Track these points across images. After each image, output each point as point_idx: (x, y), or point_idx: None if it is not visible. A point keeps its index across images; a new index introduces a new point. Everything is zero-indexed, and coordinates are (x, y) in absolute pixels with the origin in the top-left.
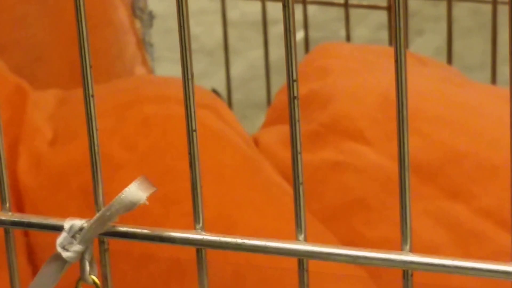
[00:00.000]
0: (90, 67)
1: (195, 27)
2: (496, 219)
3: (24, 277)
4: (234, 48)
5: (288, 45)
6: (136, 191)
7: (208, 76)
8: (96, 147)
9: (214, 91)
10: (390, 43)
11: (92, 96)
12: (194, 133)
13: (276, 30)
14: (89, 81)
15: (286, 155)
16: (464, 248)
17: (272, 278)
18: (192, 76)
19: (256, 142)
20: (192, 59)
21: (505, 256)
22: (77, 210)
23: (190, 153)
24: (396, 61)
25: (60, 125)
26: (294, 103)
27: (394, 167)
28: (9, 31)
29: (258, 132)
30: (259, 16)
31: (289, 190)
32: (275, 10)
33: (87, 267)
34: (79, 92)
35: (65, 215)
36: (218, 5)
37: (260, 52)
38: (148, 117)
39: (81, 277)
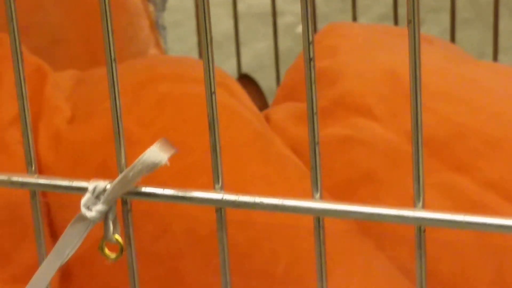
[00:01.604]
0: (112, 32)
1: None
2: (500, 191)
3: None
4: (241, 39)
5: (305, 7)
6: (157, 152)
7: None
8: (119, 110)
9: (246, 76)
10: None
11: (115, 60)
12: (213, 95)
13: (282, 22)
14: (111, 46)
15: (296, 130)
16: None
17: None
18: (211, 37)
19: (266, 119)
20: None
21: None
22: None
23: (209, 115)
24: (410, 41)
25: (78, 104)
26: (310, 64)
27: (401, 141)
28: (28, 14)
29: (269, 109)
30: (264, 8)
31: (300, 164)
32: (281, 2)
33: (111, 227)
34: (96, 72)
35: None
36: None
37: (265, 43)
38: (163, 95)
39: (105, 237)
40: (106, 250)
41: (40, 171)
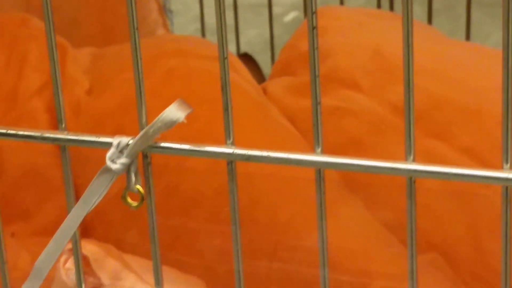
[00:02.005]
0: (135, 2)
1: (198, 10)
2: (474, 156)
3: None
4: (233, 28)
5: None
6: (175, 111)
7: None
8: (141, 73)
9: (246, 54)
10: None
11: (137, 28)
12: (226, 60)
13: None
14: (134, 15)
15: (290, 100)
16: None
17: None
18: (224, 8)
19: (264, 91)
20: None
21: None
22: None
23: (222, 77)
24: (403, 24)
25: (95, 77)
26: (313, 32)
27: (384, 111)
28: None
29: (266, 82)
30: (254, 1)
31: (293, 129)
32: None
33: (133, 178)
34: (111, 49)
35: None
36: None
37: (256, 31)
38: (172, 69)
39: (128, 187)
40: (129, 199)
41: None
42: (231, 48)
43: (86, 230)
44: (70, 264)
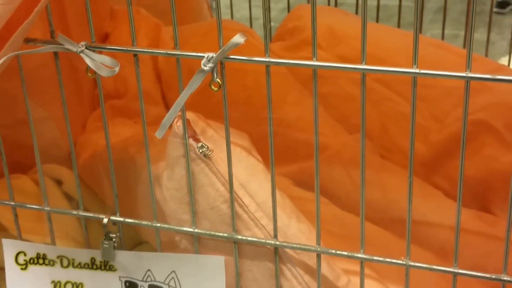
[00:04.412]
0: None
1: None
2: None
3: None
4: (226, 11)
5: None
6: (239, 37)
7: None
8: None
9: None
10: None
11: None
12: (266, 11)
13: None
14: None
15: (284, 54)
16: None
17: None
18: None
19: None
20: None
21: None
22: None
23: (264, 24)
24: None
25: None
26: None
27: (334, 60)
28: None
29: (269, 45)
30: None
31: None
32: None
33: (215, 75)
34: (187, 27)
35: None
36: None
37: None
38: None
39: (212, 79)
40: (212, 86)
41: (160, 76)
42: None
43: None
44: (180, 123)
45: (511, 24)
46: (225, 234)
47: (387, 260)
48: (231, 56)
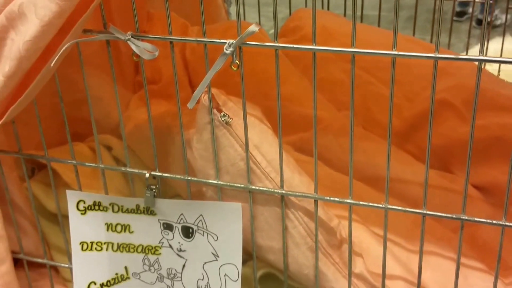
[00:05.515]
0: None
1: None
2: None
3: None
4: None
5: None
6: (254, 27)
7: None
8: (240, 23)
9: None
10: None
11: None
12: (275, 4)
13: None
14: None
15: (286, 41)
16: None
17: None
18: None
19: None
20: None
21: None
22: None
23: (274, 15)
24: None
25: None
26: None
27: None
28: None
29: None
30: None
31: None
32: None
33: (235, 58)
34: (211, 27)
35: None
36: None
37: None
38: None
39: (232, 61)
40: (232, 67)
41: (187, 63)
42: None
43: (212, 85)
44: (206, 97)
45: (467, 30)
46: (242, 185)
47: (370, 204)
48: (248, 42)
